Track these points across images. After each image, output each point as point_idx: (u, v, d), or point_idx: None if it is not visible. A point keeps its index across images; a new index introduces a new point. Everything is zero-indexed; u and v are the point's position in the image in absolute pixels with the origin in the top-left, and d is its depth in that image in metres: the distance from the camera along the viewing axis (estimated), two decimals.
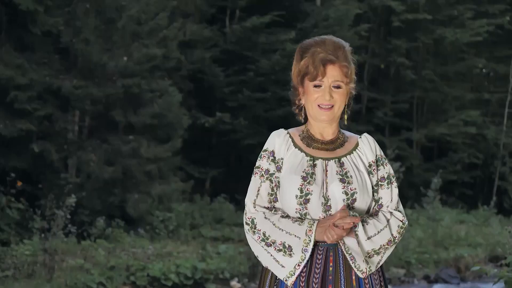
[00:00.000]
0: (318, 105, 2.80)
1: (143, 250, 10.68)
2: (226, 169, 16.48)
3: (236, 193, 14.85)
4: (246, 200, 2.87)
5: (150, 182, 12.39)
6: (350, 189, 2.76)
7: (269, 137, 2.90)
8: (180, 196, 13.73)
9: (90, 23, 11.78)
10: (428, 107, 21.63)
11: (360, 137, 2.92)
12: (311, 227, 2.72)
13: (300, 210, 2.75)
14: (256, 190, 2.85)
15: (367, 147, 2.89)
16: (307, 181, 2.75)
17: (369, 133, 3.01)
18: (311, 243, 2.71)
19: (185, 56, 15.16)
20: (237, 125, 15.80)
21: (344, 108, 2.89)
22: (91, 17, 11.86)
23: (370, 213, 2.84)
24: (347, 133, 2.95)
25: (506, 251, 5.12)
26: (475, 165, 21.72)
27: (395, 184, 2.92)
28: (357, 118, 19.54)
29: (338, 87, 2.81)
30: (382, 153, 2.91)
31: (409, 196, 19.01)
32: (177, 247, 11.39)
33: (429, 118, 21.20)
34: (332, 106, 2.81)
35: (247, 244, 2.94)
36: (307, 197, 2.74)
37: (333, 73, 2.79)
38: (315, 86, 2.80)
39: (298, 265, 2.73)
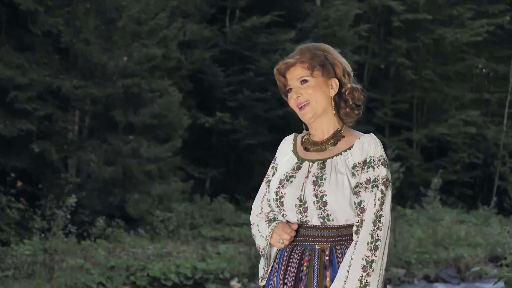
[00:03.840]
0: (297, 107, 2.82)
1: (143, 250, 10.69)
2: (226, 169, 16.48)
3: (236, 193, 14.86)
4: (253, 205, 2.99)
5: (150, 182, 12.39)
6: (320, 191, 2.70)
7: None
8: (180, 196, 13.73)
9: (90, 23, 11.78)
10: (428, 107, 21.64)
11: (360, 138, 2.79)
12: (271, 231, 2.81)
13: (279, 212, 2.82)
14: (261, 196, 2.95)
15: (359, 148, 2.76)
16: (282, 184, 2.79)
17: (369, 133, 2.92)
18: (267, 248, 2.82)
19: (185, 56, 15.16)
20: (237, 125, 15.80)
21: (332, 101, 2.81)
22: (91, 17, 11.86)
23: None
24: (353, 132, 2.84)
25: (506, 251, 5.12)
26: (475, 165, 21.73)
27: (381, 187, 2.71)
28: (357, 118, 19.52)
29: (304, 81, 2.79)
30: (379, 155, 2.74)
31: (409, 196, 19.02)
32: (177, 247, 11.39)
33: (429, 118, 21.21)
34: (308, 102, 2.78)
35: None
36: (281, 200, 2.78)
37: (293, 73, 2.81)
38: (288, 92, 2.85)
39: (266, 269, 2.85)
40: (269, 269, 2.85)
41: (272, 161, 2.96)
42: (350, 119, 2.86)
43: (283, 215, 2.80)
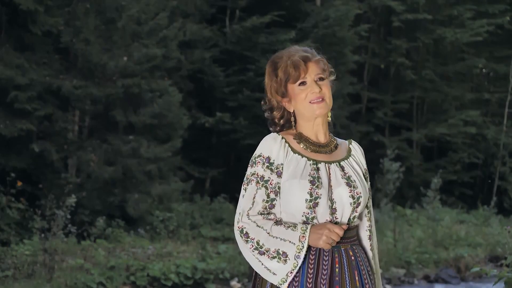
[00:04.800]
0: (310, 102, 2.82)
1: (143, 250, 10.68)
2: (226, 169, 16.48)
3: (236, 193, 14.79)
4: (239, 208, 2.83)
5: (150, 182, 12.39)
6: (356, 193, 2.81)
7: (262, 141, 2.86)
8: (180, 196, 13.73)
9: (90, 23, 11.78)
10: (428, 107, 21.63)
11: (351, 143, 2.98)
12: (304, 233, 2.72)
13: (308, 214, 2.76)
14: (252, 198, 2.81)
15: (359, 154, 2.97)
16: (316, 185, 2.76)
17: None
18: (304, 249, 2.72)
19: (185, 56, 15.15)
20: (237, 125, 15.80)
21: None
22: (91, 17, 11.86)
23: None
24: (335, 137, 3.00)
25: (506, 251, 5.11)
26: (475, 165, 21.73)
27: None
28: (357, 118, 19.54)
29: (321, 79, 2.85)
30: None
31: (409, 196, 19.01)
32: (177, 247, 11.39)
33: (429, 118, 21.20)
34: (323, 99, 2.83)
35: None
36: (316, 201, 2.75)
37: (313, 68, 2.84)
38: (300, 84, 2.83)
39: (291, 272, 2.73)
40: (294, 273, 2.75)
41: (264, 161, 2.82)
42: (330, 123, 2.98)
43: (312, 218, 2.76)
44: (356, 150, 2.95)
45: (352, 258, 2.81)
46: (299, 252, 2.71)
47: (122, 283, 9.46)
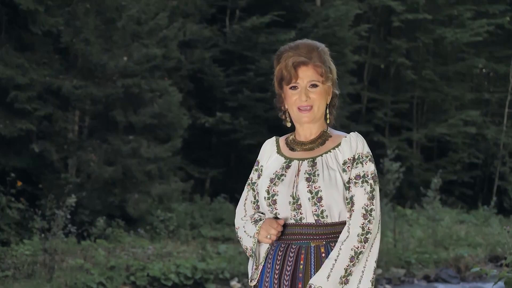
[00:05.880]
0: (298, 108, 2.83)
1: (143, 250, 10.68)
2: (226, 169, 16.48)
3: (236, 193, 14.82)
4: (236, 209, 3.03)
5: (150, 182, 12.39)
6: (314, 187, 2.76)
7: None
8: (180, 196, 13.73)
9: (90, 23, 11.79)
10: (428, 107, 21.64)
11: (346, 136, 2.87)
12: (258, 229, 2.85)
13: (271, 210, 2.84)
14: (244, 199, 3.00)
15: (347, 145, 2.83)
16: (273, 182, 2.83)
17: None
18: (255, 245, 2.86)
19: (185, 56, 15.16)
20: (237, 125, 15.80)
21: (327, 107, 2.89)
22: (91, 17, 11.86)
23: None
24: (336, 132, 2.91)
25: (506, 251, 5.12)
26: (475, 165, 21.73)
27: (370, 182, 2.78)
28: (357, 118, 19.54)
29: (315, 85, 2.82)
30: (366, 152, 2.83)
31: (409, 196, 19.02)
32: (177, 247, 11.39)
33: (429, 118, 21.21)
34: (311, 107, 2.82)
35: None
36: (274, 198, 2.81)
37: (306, 73, 2.82)
38: (291, 88, 2.84)
39: (255, 267, 2.89)
40: (260, 269, 2.88)
41: (255, 165, 3.00)
42: (331, 121, 2.94)
43: (275, 214, 2.83)
44: (346, 142, 2.83)
45: (323, 255, 2.76)
46: (252, 249, 2.86)
47: (122, 283, 9.47)
